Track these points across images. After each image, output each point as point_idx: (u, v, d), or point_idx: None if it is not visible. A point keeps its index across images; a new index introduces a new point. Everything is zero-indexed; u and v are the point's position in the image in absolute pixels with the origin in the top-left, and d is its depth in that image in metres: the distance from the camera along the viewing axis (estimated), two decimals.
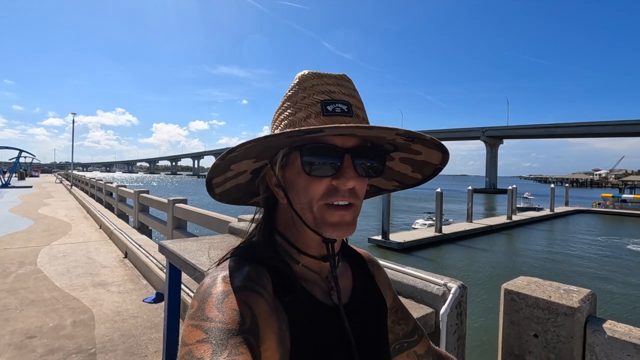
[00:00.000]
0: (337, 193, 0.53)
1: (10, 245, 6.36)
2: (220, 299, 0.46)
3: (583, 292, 1.33)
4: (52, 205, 13.04)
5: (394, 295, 0.76)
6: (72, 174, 25.28)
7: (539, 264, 15.71)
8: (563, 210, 33.52)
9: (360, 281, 0.67)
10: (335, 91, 0.56)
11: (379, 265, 0.76)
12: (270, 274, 0.53)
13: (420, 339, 0.77)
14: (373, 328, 0.63)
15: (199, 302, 0.47)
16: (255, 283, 0.50)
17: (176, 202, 5.45)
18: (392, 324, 0.73)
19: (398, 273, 1.52)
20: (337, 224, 0.53)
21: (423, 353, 0.76)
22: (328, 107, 0.54)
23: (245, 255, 0.56)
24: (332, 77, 0.58)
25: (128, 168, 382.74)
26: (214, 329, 0.43)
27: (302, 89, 0.57)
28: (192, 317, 0.45)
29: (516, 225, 25.22)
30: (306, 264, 0.59)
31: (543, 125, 72.94)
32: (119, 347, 2.91)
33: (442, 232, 19.88)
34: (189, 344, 0.42)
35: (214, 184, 0.58)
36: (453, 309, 1.37)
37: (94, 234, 7.76)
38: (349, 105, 0.56)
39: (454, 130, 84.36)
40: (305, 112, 0.55)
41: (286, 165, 0.56)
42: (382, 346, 0.64)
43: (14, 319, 3.37)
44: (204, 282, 0.51)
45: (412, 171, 0.66)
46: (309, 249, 0.58)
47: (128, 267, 5.23)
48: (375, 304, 0.67)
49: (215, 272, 0.52)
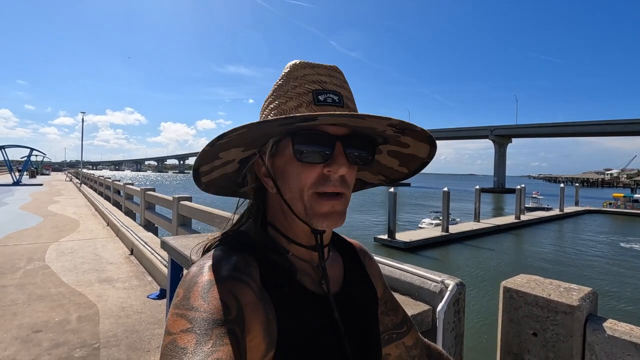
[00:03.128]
0: (328, 181, 0.53)
1: (20, 242, 6.47)
2: (206, 289, 0.45)
3: (583, 291, 1.30)
4: (61, 203, 13.23)
5: (385, 285, 0.76)
6: (81, 172, 25.64)
7: (546, 265, 15.50)
8: (573, 210, 33.02)
9: (351, 271, 0.67)
10: (326, 81, 0.56)
11: (370, 255, 0.76)
12: (259, 263, 0.53)
13: (409, 331, 0.76)
14: (364, 317, 0.63)
15: (184, 290, 0.46)
16: (243, 272, 0.49)
17: (181, 200, 5.49)
18: (381, 314, 0.73)
19: (395, 270, 1.50)
20: (328, 214, 0.53)
21: (411, 344, 0.76)
22: (319, 97, 0.54)
23: (234, 244, 0.56)
24: (324, 67, 0.58)
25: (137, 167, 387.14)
26: (199, 318, 0.42)
27: (293, 78, 0.56)
28: (177, 306, 0.45)
29: (524, 225, 24.93)
30: (296, 253, 0.59)
31: (553, 124, 71.89)
32: (122, 342, 2.94)
33: (449, 232, 19.73)
34: (173, 333, 0.41)
35: (201, 172, 0.57)
36: (450, 307, 1.35)
37: (101, 231, 7.86)
38: (340, 95, 0.56)
39: (462, 129, 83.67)
40: (296, 101, 0.54)
41: (276, 153, 0.55)
42: (372, 336, 0.64)
43: (21, 313, 3.43)
44: (190, 270, 0.50)
45: (398, 165, 0.66)
46: (299, 239, 0.58)
47: (133, 264, 5.28)
48: (366, 294, 0.67)
49: (202, 260, 0.52)
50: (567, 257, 17.24)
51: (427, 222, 22.89)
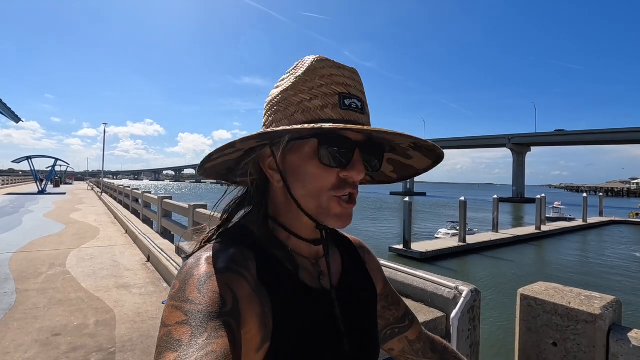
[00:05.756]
0: (346, 185, 0.53)
1: (43, 248, 6.68)
2: (202, 281, 0.46)
3: (606, 299, 1.25)
4: (82, 211, 13.63)
5: (385, 281, 0.75)
6: (102, 182, 26.41)
7: (569, 277, 14.91)
8: (597, 220, 31.70)
9: (349, 266, 0.67)
10: (351, 85, 0.56)
11: (369, 250, 0.76)
12: (256, 256, 0.53)
13: (412, 325, 0.76)
14: (362, 313, 0.63)
15: (180, 282, 0.47)
16: (239, 265, 0.49)
17: (196, 208, 5.58)
18: (382, 309, 0.72)
19: (408, 276, 1.48)
20: (341, 215, 0.54)
21: (414, 339, 0.75)
22: (345, 101, 0.55)
23: (232, 237, 0.56)
24: (348, 70, 0.58)
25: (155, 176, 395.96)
26: (194, 311, 0.42)
27: (320, 76, 0.55)
28: (173, 297, 0.45)
29: (546, 236, 24.07)
30: (295, 248, 0.59)
31: (574, 131, 69.85)
32: (137, 347, 2.97)
33: (466, 242, 19.26)
34: (169, 325, 0.42)
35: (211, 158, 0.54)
36: (465, 314, 1.32)
37: (120, 238, 8.04)
38: (362, 102, 0.57)
39: (479, 138, 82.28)
40: (322, 100, 0.54)
41: (292, 150, 0.55)
42: (370, 331, 0.63)
43: (42, 317, 3.52)
44: (187, 262, 0.50)
45: (391, 171, 0.67)
46: (302, 233, 0.58)
47: (150, 270, 5.37)
48: (365, 289, 0.67)
49: (199, 253, 0.52)
50: (592, 268, 16.53)
51: (443, 232, 22.43)
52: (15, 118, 15.65)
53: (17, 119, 15.83)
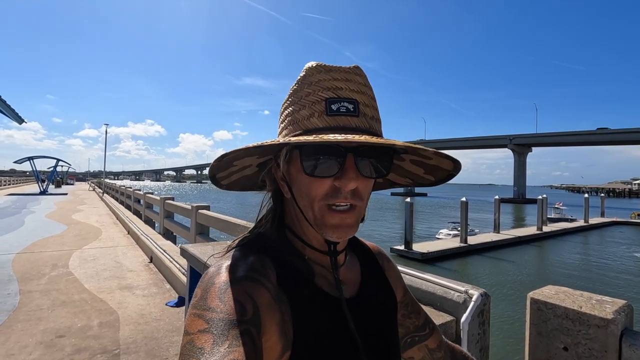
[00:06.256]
0: (338, 194, 0.51)
1: (45, 249, 6.69)
2: (223, 289, 0.46)
3: (618, 303, 1.24)
4: (84, 212, 13.65)
5: (405, 289, 0.75)
6: (104, 182, 26.45)
7: (573, 278, 14.86)
8: (598, 221, 31.65)
9: (368, 274, 0.66)
10: (342, 87, 0.54)
11: (389, 258, 0.75)
12: (275, 264, 0.53)
13: (432, 333, 0.75)
14: (380, 321, 0.62)
15: (202, 291, 0.47)
16: (259, 273, 0.50)
17: (199, 209, 5.58)
18: (402, 317, 0.72)
19: (417, 279, 1.47)
20: (337, 226, 0.52)
21: (435, 347, 0.74)
22: (332, 106, 0.53)
23: (251, 246, 0.56)
24: (341, 71, 0.55)
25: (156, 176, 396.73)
26: (216, 319, 0.43)
27: (308, 83, 0.55)
28: (195, 306, 0.45)
29: (547, 237, 24.04)
30: (312, 257, 0.59)
31: (575, 132, 69.75)
32: (141, 349, 2.97)
33: (467, 243, 19.24)
34: (191, 334, 0.42)
35: (218, 178, 0.58)
36: (475, 318, 1.31)
37: (122, 239, 8.05)
38: (355, 103, 0.53)
39: (480, 138, 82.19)
40: (308, 110, 0.53)
41: (290, 161, 0.55)
42: (390, 340, 0.62)
43: (45, 318, 3.52)
44: (208, 271, 0.51)
45: (424, 173, 0.64)
46: (313, 243, 0.58)
47: (153, 272, 5.37)
48: (384, 298, 0.66)
49: (219, 261, 0.53)
50: (595, 269, 16.49)
51: (444, 232, 22.41)
52: (19, 119, 15.68)
53: (21, 120, 15.86)
